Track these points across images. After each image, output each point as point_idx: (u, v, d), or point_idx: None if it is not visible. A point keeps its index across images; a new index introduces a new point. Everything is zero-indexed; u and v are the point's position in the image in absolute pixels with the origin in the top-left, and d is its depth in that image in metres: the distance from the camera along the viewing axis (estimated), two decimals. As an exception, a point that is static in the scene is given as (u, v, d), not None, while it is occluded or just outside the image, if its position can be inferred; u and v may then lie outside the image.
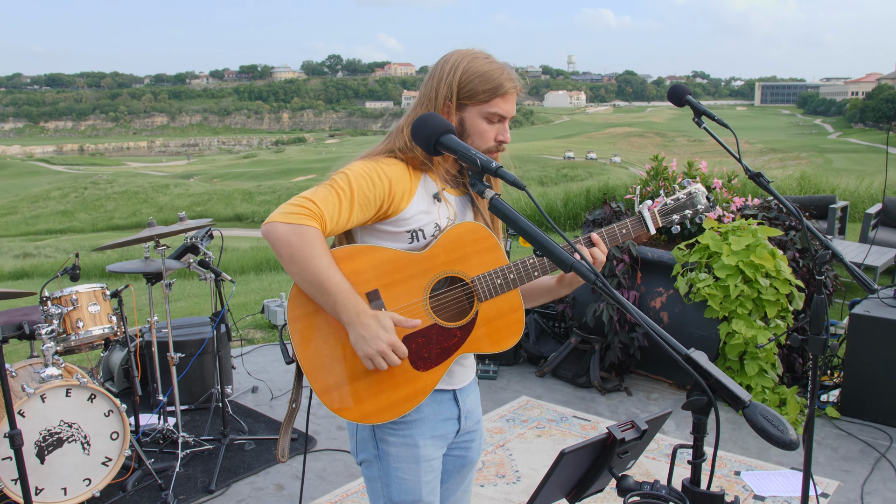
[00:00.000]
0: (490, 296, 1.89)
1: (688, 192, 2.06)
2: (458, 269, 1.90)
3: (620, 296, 1.36)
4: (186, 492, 3.71)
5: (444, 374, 1.93)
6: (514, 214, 1.50)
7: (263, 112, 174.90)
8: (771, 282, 4.46)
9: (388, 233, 1.90)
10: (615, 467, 1.41)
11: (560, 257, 1.43)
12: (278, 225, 1.74)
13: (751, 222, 4.62)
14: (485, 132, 1.91)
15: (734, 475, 3.81)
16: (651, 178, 5.30)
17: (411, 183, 1.90)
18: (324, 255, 1.76)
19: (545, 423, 4.48)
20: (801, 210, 5.17)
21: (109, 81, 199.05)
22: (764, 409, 1.24)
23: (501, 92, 1.89)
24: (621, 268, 4.82)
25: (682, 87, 2.92)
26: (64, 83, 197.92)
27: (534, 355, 5.43)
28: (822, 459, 4.00)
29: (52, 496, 3.40)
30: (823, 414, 4.50)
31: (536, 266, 1.90)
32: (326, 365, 1.86)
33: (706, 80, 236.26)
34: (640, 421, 1.40)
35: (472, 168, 1.59)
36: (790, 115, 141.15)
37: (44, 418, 3.36)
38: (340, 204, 1.79)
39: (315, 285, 1.77)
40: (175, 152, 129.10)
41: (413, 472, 1.97)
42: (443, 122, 1.65)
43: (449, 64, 1.91)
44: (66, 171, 79.45)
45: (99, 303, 3.74)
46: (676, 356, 1.31)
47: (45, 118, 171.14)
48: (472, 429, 2.15)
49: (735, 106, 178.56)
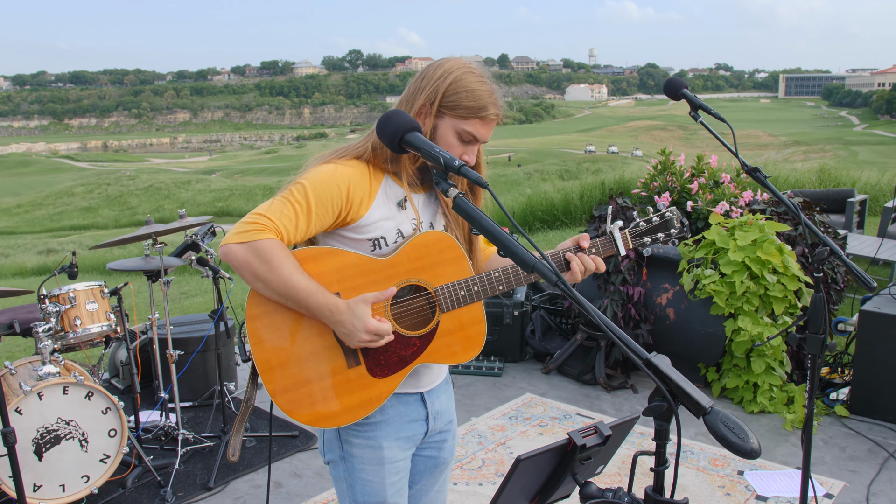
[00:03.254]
0: (452, 307, 1.86)
1: (661, 215, 2.01)
2: (421, 277, 1.87)
3: (582, 298, 1.32)
4: (185, 489, 3.72)
5: (402, 381, 1.90)
6: (477, 214, 1.47)
7: (284, 108, 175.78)
8: (778, 278, 4.37)
9: (350, 239, 1.88)
10: (579, 473, 1.37)
11: (523, 258, 1.39)
12: (233, 246, 1.73)
13: (758, 217, 4.53)
14: (452, 147, 1.85)
15: (737, 475, 3.74)
16: (658, 173, 5.22)
17: (370, 187, 1.85)
18: (285, 264, 1.74)
19: (548, 420, 4.44)
20: (812, 204, 5.10)
21: (132, 78, 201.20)
22: (725, 416, 1.19)
23: (483, 114, 1.83)
24: (626, 264, 4.76)
25: (677, 80, 2.86)
26: (88, 80, 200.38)
27: (540, 352, 5.38)
28: (828, 459, 3.92)
29: (51, 493, 3.43)
30: (832, 412, 4.41)
31: (501, 279, 1.86)
32: (281, 366, 1.84)
33: (729, 72, 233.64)
34: (604, 426, 1.36)
35: (435, 166, 1.55)
36: (815, 107, 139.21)
37: (41, 416, 3.38)
38: (297, 216, 1.77)
39: (283, 294, 1.77)
40: (197, 148, 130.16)
41: (377, 473, 1.96)
42: (408, 120, 1.62)
43: (442, 69, 1.86)
44: (90, 167, 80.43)
45: (97, 301, 3.76)
46: (637, 360, 1.27)
47: (70, 115, 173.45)
48: (444, 429, 2.12)
49: (759, 98, 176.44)
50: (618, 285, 4.75)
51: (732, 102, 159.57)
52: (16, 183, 64.62)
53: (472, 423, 4.41)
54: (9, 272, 17.65)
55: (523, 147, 72.07)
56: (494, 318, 5.29)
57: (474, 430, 4.31)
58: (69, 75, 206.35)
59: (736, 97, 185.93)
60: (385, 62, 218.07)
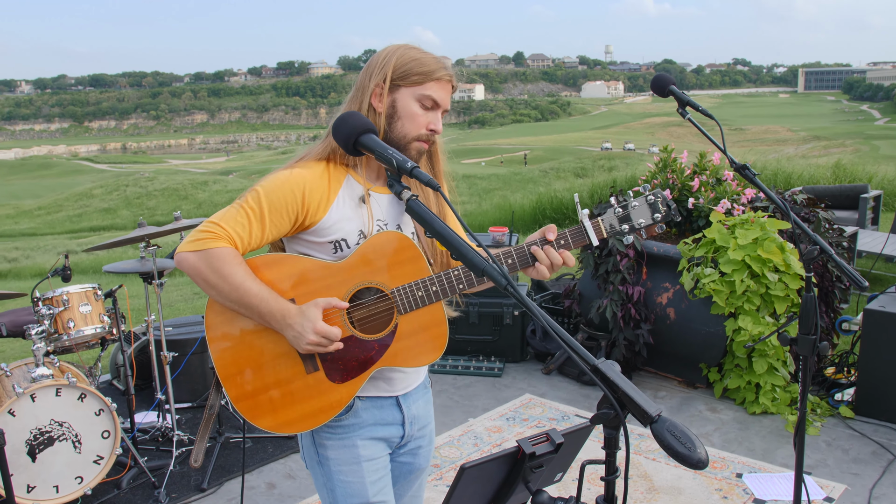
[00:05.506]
0: (410, 308, 1.82)
1: (643, 199, 1.87)
2: (377, 279, 1.83)
3: (530, 301, 1.29)
4: (179, 490, 3.73)
5: (375, 386, 1.88)
6: (429, 216, 1.44)
7: (301, 108, 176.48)
8: (780, 276, 4.30)
9: (312, 243, 1.86)
10: (531, 481, 1.34)
11: (473, 261, 1.36)
12: (186, 255, 1.75)
13: (759, 215, 4.46)
14: (417, 116, 1.84)
15: (735, 477, 3.68)
16: (659, 171, 5.16)
17: (329, 189, 1.83)
18: (236, 271, 1.74)
19: (546, 422, 4.40)
20: (816, 201, 5.00)
21: (150, 81, 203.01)
22: (672, 424, 1.15)
23: (436, 76, 1.84)
24: (626, 263, 4.70)
25: (664, 76, 2.82)
26: (107, 83, 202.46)
27: (540, 352, 5.34)
28: (830, 461, 3.85)
29: (45, 494, 3.44)
30: (837, 413, 4.33)
31: (461, 278, 1.80)
32: (241, 373, 1.83)
33: (747, 67, 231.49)
34: (556, 434, 1.33)
35: (389, 168, 1.53)
36: (835, 102, 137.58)
37: (34, 417, 3.39)
38: (250, 223, 1.77)
39: (235, 301, 1.77)
40: (214, 149, 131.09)
41: (356, 473, 1.93)
42: (363, 122, 1.59)
43: (383, 53, 1.87)
44: (109, 169, 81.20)
45: (90, 303, 3.77)
46: (584, 366, 1.23)
47: (90, 118, 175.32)
48: (420, 435, 2.09)
49: (777, 93, 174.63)
50: (617, 284, 4.70)
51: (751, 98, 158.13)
52: (37, 185, 65.44)
53: (468, 423, 4.38)
54: (28, 273, 17.87)
55: (539, 145, 71.86)
56: (495, 318, 5.26)
57: (471, 431, 4.28)
58: (89, 78, 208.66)
59: (754, 92, 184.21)
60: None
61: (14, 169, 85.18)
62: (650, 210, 1.85)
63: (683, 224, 5.09)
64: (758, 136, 75.10)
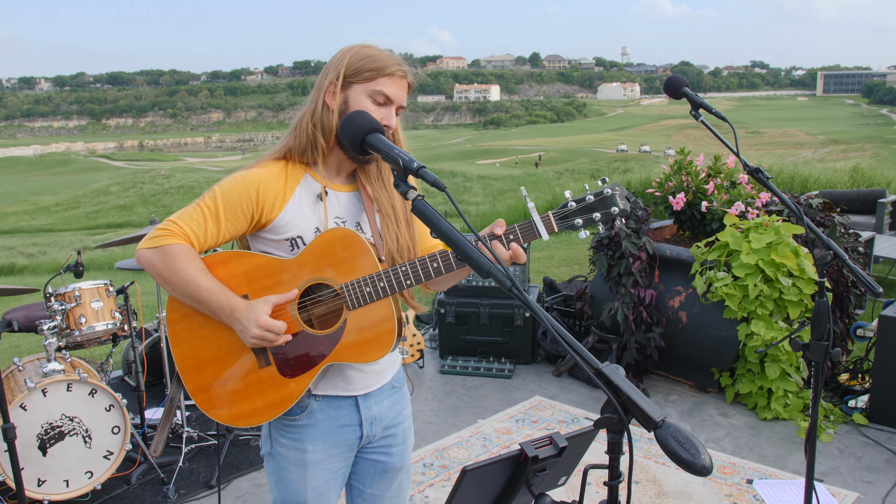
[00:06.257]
0: (359, 304, 1.83)
1: (597, 193, 1.80)
2: (327, 276, 1.85)
3: (535, 303, 1.28)
4: (188, 486, 3.74)
5: (319, 384, 1.92)
6: (435, 217, 1.43)
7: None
8: (794, 281, 4.26)
9: (270, 241, 1.90)
10: (534, 485, 1.32)
11: (478, 263, 1.35)
12: (143, 251, 1.82)
13: (774, 219, 4.42)
14: (369, 111, 1.83)
15: (746, 483, 3.65)
16: (674, 173, 5.13)
17: (285, 187, 1.87)
18: (189, 266, 1.80)
19: (556, 424, 4.38)
20: (832, 205, 4.95)
21: (168, 79, 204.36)
22: (676, 430, 1.14)
23: (387, 72, 1.85)
24: (638, 266, 4.67)
25: (678, 78, 2.80)
26: (124, 81, 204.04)
27: (551, 354, 5.32)
28: (843, 469, 3.81)
29: (55, 488, 3.47)
30: (850, 420, 4.29)
31: (409, 274, 1.80)
32: (199, 367, 1.90)
33: (765, 69, 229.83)
34: (560, 437, 1.31)
35: (395, 168, 1.52)
36: (854, 105, 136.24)
37: (45, 412, 3.42)
38: (206, 221, 1.83)
39: (188, 296, 1.82)
40: (230, 147, 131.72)
41: (300, 475, 1.98)
42: (369, 121, 1.59)
43: (339, 53, 1.90)
44: (126, 166, 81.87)
45: (102, 299, 3.79)
46: (588, 369, 1.22)
47: (107, 115, 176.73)
48: (388, 434, 2.09)
49: (796, 96, 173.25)
50: (629, 287, 4.67)
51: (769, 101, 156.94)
52: (55, 181, 66.05)
53: (478, 425, 4.37)
54: (45, 269, 18.03)
55: (554, 146, 71.65)
56: (506, 319, 5.25)
57: (480, 432, 4.27)
58: (107, 76, 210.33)
59: (772, 95, 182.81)
60: (416, 61, 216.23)
61: (33, 165, 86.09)
62: (607, 203, 1.79)
63: (697, 227, 5.06)
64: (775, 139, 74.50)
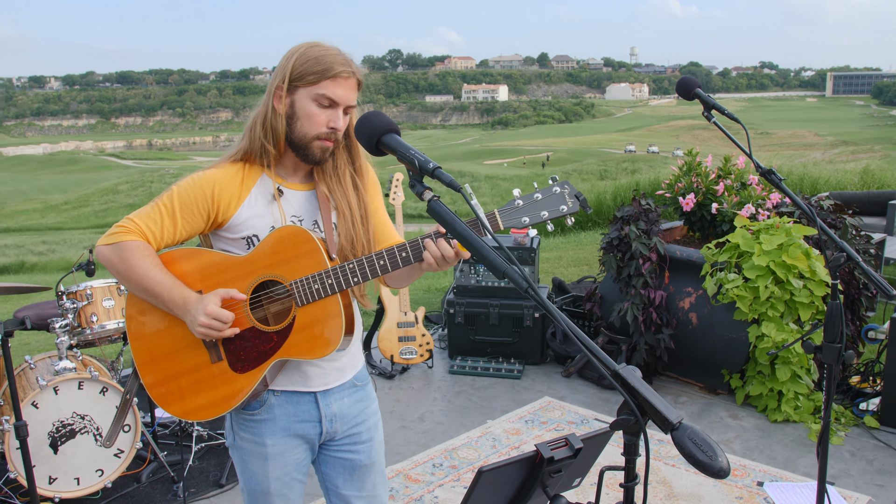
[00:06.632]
0: (308, 300, 1.86)
1: (545, 191, 1.79)
2: (277, 272, 1.88)
3: (550, 304, 1.27)
4: (198, 485, 3.75)
5: (267, 376, 1.94)
6: (450, 217, 1.43)
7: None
8: (805, 283, 4.24)
9: (228, 239, 1.96)
10: (549, 486, 1.32)
11: (494, 264, 1.35)
12: (101, 248, 1.89)
13: (785, 220, 4.40)
14: (314, 115, 1.88)
15: (756, 486, 3.64)
16: (683, 174, 5.11)
17: (241, 188, 1.92)
18: (143, 261, 1.86)
19: (565, 425, 4.37)
20: (843, 207, 4.93)
21: (177, 78, 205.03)
22: (693, 432, 1.14)
23: (331, 74, 1.86)
24: (648, 267, 4.66)
25: (690, 79, 2.80)
26: (134, 80, 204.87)
27: (561, 355, 5.31)
28: (854, 472, 3.79)
29: (66, 486, 3.48)
30: (862, 423, 4.26)
31: (356, 271, 1.83)
32: (154, 361, 1.97)
33: (774, 70, 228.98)
34: (575, 439, 1.31)
35: (411, 168, 1.52)
36: (864, 106, 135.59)
37: (57, 410, 3.44)
38: (162, 219, 1.89)
39: (143, 290, 1.88)
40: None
41: (261, 466, 2.04)
42: (385, 122, 1.59)
43: (287, 54, 1.92)
44: (134, 165, 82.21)
45: (114, 298, 3.81)
46: (604, 371, 1.22)
47: (116, 114, 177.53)
48: (352, 433, 2.12)
49: (805, 97, 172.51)
50: (639, 288, 4.66)
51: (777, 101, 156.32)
52: (64, 180, 66.38)
53: (487, 425, 4.37)
54: (54, 267, 18.11)
55: (562, 146, 71.55)
56: (515, 320, 5.24)
57: (489, 433, 4.27)
58: (116, 75, 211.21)
59: (781, 96, 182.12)
60: (425, 61, 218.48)
61: (42, 164, 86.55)
62: (556, 202, 1.79)
63: (707, 228, 5.04)
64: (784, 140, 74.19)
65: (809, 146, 65.76)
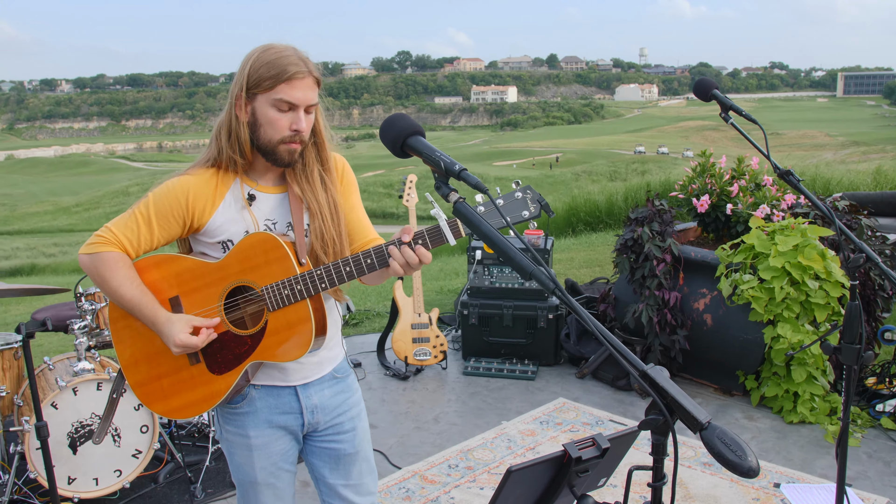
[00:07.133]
0: (279, 305, 1.91)
1: (507, 197, 1.76)
2: (249, 278, 1.94)
3: (578, 305, 1.28)
4: (215, 486, 3.77)
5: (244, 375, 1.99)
6: (476, 219, 1.44)
7: (334, 108, 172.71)
8: (821, 284, 4.23)
9: (205, 243, 2.01)
10: (576, 486, 1.33)
11: (521, 265, 1.36)
12: (82, 257, 1.96)
13: (800, 221, 4.39)
14: (275, 121, 1.89)
15: (773, 487, 3.63)
16: (697, 175, 5.10)
17: (215, 194, 1.96)
18: (116, 276, 1.93)
19: (580, 426, 4.37)
20: (858, 207, 4.91)
21: (186, 80, 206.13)
22: (723, 432, 1.14)
23: (286, 77, 1.86)
24: (662, 268, 4.65)
25: (707, 81, 2.81)
26: (144, 83, 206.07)
27: (574, 356, 5.31)
28: (871, 474, 3.78)
29: (84, 486, 3.51)
30: (878, 425, 4.25)
31: (323, 277, 1.87)
32: (137, 363, 2.06)
33: (785, 70, 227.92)
34: (602, 439, 1.32)
35: (436, 170, 1.53)
36: (875, 107, 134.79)
37: (76, 411, 3.46)
38: (139, 227, 1.95)
39: (119, 301, 1.97)
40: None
41: (247, 457, 2.11)
42: (410, 124, 1.61)
43: (242, 63, 1.93)
44: (145, 167, 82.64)
45: (132, 299, 3.83)
46: (632, 371, 1.22)
47: (127, 117, 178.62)
48: (334, 423, 2.17)
49: (816, 97, 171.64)
50: (653, 289, 4.66)
51: (788, 102, 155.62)
52: (75, 182, 66.81)
53: (502, 426, 4.37)
54: (66, 269, 18.25)
55: (572, 147, 71.45)
56: (529, 321, 5.24)
57: (504, 434, 4.27)
58: (127, 78, 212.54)
59: (791, 96, 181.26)
60: (433, 63, 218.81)
61: (53, 166, 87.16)
62: (518, 207, 1.77)
63: (721, 229, 5.03)
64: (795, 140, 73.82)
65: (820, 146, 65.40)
